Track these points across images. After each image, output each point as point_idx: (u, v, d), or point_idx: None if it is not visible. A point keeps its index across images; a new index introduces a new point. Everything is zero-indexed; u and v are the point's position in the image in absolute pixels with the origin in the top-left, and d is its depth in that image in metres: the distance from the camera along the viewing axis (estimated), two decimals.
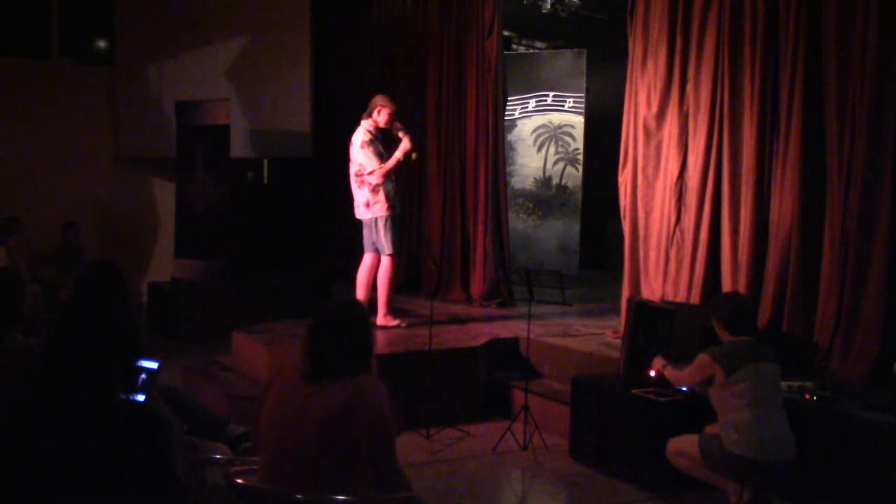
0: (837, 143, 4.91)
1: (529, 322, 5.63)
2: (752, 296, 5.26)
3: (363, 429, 2.66)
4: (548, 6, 8.68)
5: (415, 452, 5.07)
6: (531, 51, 10.98)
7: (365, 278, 6.50)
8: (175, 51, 10.09)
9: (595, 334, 6.46)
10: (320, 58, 10.06)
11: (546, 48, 11.04)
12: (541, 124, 10.02)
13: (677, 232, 5.95)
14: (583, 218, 9.90)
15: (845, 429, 4.20)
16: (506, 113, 8.75)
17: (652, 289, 6.10)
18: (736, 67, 5.52)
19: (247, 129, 9.83)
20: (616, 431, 4.82)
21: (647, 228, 6.20)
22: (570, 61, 9.96)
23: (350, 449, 2.66)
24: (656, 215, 6.12)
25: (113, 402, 2.14)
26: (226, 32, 10.03)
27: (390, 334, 6.37)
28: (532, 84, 10.02)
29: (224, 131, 9.30)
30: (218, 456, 3.51)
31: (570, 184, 9.90)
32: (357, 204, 6.43)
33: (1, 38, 9.83)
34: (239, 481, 2.71)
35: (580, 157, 9.84)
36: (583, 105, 9.83)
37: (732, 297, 4.74)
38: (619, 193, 6.43)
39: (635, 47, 6.31)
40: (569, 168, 9.91)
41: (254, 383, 5.73)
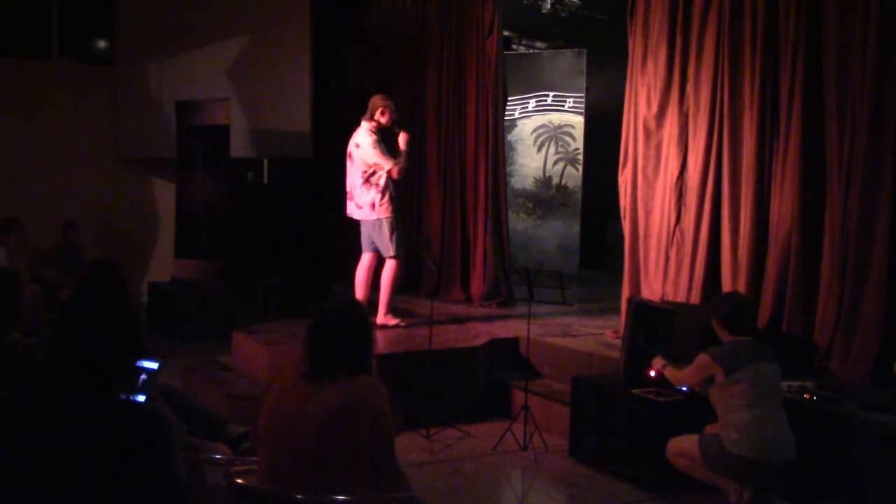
0: (837, 143, 4.91)
1: (529, 322, 5.62)
2: (752, 296, 5.26)
3: (363, 429, 2.66)
4: (548, 6, 8.68)
5: (415, 452, 5.07)
6: (531, 51, 10.98)
7: (363, 278, 6.49)
8: (175, 51, 10.08)
9: (595, 334, 6.46)
10: (320, 58, 10.06)
11: (546, 48, 11.04)
12: (541, 124, 10.02)
13: (677, 232, 5.95)
14: (583, 218, 9.90)
15: (845, 429, 4.20)
16: (506, 113, 8.74)
17: (652, 289, 6.10)
18: (736, 67, 5.52)
19: (247, 129, 9.83)
20: (616, 431, 4.82)
21: (647, 228, 6.20)
22: (570, 61, 9.96)
23: (350, 449, 2.66)
24: (656, 215, 6.12)
25: (113, 402, 2.14)
26: (226, 32, 10.03)
27: (390, 334, 6.37)
28: (532, 84, 10.02)
29: (224, 131, 9.30)
30: (218, 456, 3.51)
31: (570, 184, 9.90)
32: (361, 205, 6.37)
33: (1, 38, 9.82)
34: (239, 481, 2.71)
35: (580, 157, 9.84)
36: (583, 105, 9.83)
37: (732, 297, 4.74)
38: (619, 193, 6.43)
39: (635, 47, 6.31)
40: (569, 168, 9.91)
41: (254, 383, 5.73)
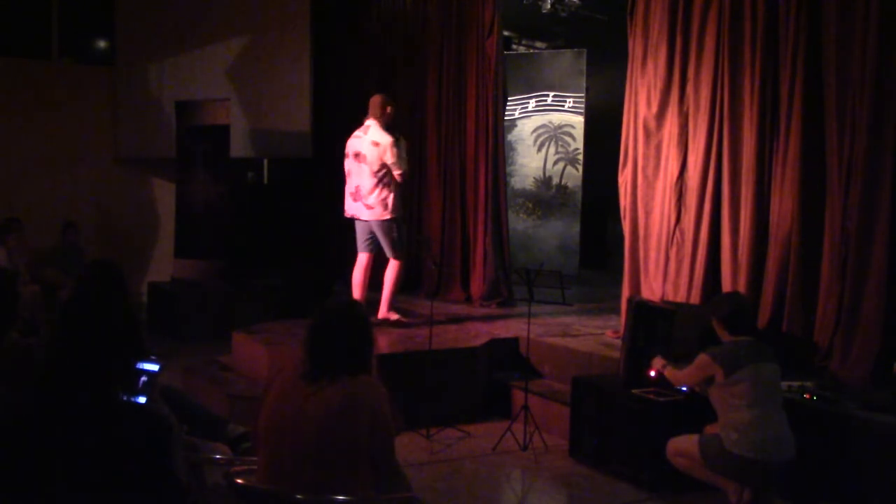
0: (837, 143, 4.91)
1: (529, 322, 5.63)
2: (752, 296, 5.26)
3: (363, 429, 2.66)
4: (548, 6, 8.68)
5: (415, 452, 5.07)
6: (531, 51, 10.97)
7: (361, 278, 6.48)
8: (175, 51, 10.08)
9: (595, 334, 6.46)
10: (320, 58, 10.06)
11: (546, 48, 11.03)
12: (541, 124, 10.02)
13: (677, 232, 5.95)
14: (583, 218, 9.90)
15: (845, 429, 4.20)
16: (506, 113, 8.74)
17: (652, 289, 6.10)
18: (736, 67, 5.52)
19: (247, 129, 9.83)
20: (616, 431, 4.82)
21: (647, 228, 6.20)
22: (570, 61, 9.96)
23: (350, 449, 2.66)
24: (656, 215, 6.12)
25: (113, 402, 2.14)
26: (226, 32, 10.03)
27: (390, 334, 6.37)
28: (532, 84, 10.02)
29: (224, 131, 9.31)
30: (218, 456, 3.51)
31: (570, 184, 9.89)
32: (372, 205, 6.31)
33: (1, 38, 9.82)
34: (239, 481, 2.71)
35: (580, 157, 9.84)
36: (583, 105, 9.83)
37: (732, 297, 4.73)
38: (619, 193, 6.43)
39: (635, 47, 6.31)
40: (569, 168, 9.91)
41: (254, 383, 5.73)
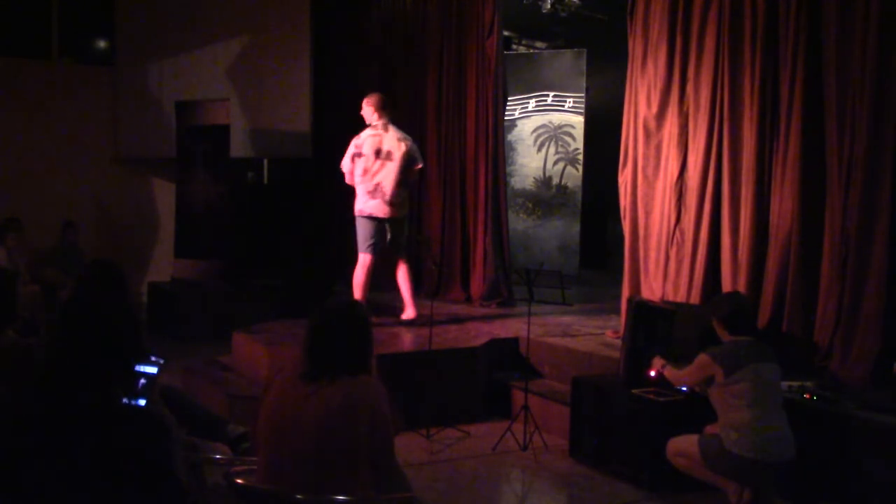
0: (837, 143, 4.90)
1: (529, 322, 5.63)
2: (752, 296, 5.26)
3: (362, 429, 2.66)
4: (548, 6, 8.68)
5: (415, 452, 5.07)
6: (531, 51, 10.98)
7: (364, 279, 6.48)
8: (175, 51, 10.08)
9: (595, 334, 6.46)
10: (320, 57, 10.05)
11: (546, 48, 11.03)
12: (541, 124, 10.02)
13: (677, 232, 5.95)
14: (583, 218, 9.90)
15: (845, 429, 4.20)
16: (506, 113, 8.74)
17: (652, 289, 6.10)
18: (736, 67, 5.52)
19: (247, 129, 9.83)
20: (616, 431, 4.82)
21: (647, 228, 6.20)
22: (570, 61, 9.96)
23: (349, 449, 2.66)
24: (656, 215, 6.12)
25: (113, 402, 2.14)
26: (226, 32, 10.03)
27: (390, 334, 6.37)
28: (532, 84, 10.02)
29: (224, 131, 9.31)
30: (218, 456, 3.51)
31: (570, 184, 9.90)
32: (393, 202, 6.40)
33: (1, 38, 9.82)
34: (239, 481, 2.71)
35: (580, 157, 9.84)
36: (583, 105, 9.83)
37: (732, 297, 4.73)
38: (619, 193, 6.43)
39: (635, 47, 6.31)
40: (569, 168, 9.91)
41: (254, 383, 5.73)
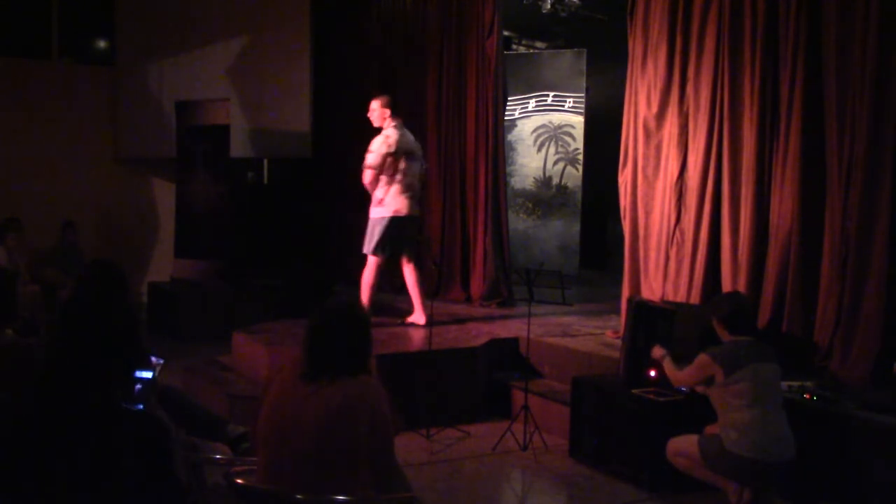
0: (837, 143, 4.91)
1: (529, 322, 5.62)
2: (752, 296, 5.26)
3: (362, 429, 2.66)
4: (548, 6, 8.68)
5: (415, 452, 5.07)
6: (531, 51, 10.98)
7: (375, 280, 6.48)
8: (175, 51, 10.08)
9: (595, 334, 6.46)
10: (320, 58, 10.06)
11: (546, 48, 11.03)
12: (541, 124, 10.02)
13: (677, 232, 5.95)
14: (583, 218, 9.90)
15: (845, 429, 4.20)
16: (506, 113, 8.75)
17: (652, 289, 6.10)
18: (736, 67, 5.52)
19: (247, 129, 9.83)
20: (616, 431, 4.82)
21: (647, 228, 6.20)
22: (570, 61, 9.96)
23: (349, 449, 2.66)
24: (656, 215, 6.12)
25: (113, 402, 2.14)
26: (226, 32, 10.03)
27: (390, 334, 6.37)
28: (532, 84, 10.02)
29: (224, 131, 9.32)
30: (218, 456, 3.51)
31: (570, 184, 9.90)
32: (419, 201, 6.66)
33: (1, 38, 9.83)
34: (239, 481, 2.71)
35: (580, 157, 9.84)
36: (583, 105, 9.83)
37: (732, 297, 4.73)
38: (619, 193, 6.43)
39: (635, 47, 6.31)
40: (569, 168, 9.91)
41: (254, 383, 5.73)
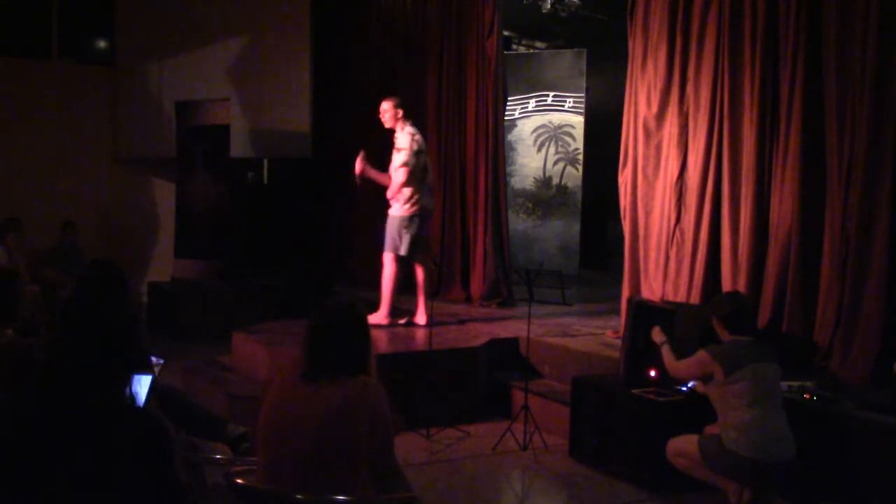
0: (837, 143, 4.91)
1: (529, 322, 5.62)
2: (752, 296, 5.26)
3: (362, 429, 2.66)
4: (548, 6, 8.68)
5: (415, 452, 5.07)
6: (531, 51, 10.98)
7: (393, 285, 6.46)
8: (175, 51, 10.09)
9: (595, 334, 6.46)
10: (320, 58, 10.06)
11: (546, 48, 11.04)
12: (541, 124, 10.02)
13: (677, 232, 5.95)
14: (583, 218, 9.91)
15: (845, 429, 4.20)
16: (506, 113, 8.75)
17: (652, 289, 6.10)
18: (736, 67, 5.52)
19: (247, 129, 9.83)
20: (616, 431, 4.82)
21: (647, 228, 6.20)
22: (570, 61, 9.96)
23: (349, 449, 2.66)
24: (656, 215, 6.12)
25: (113, 402, 2.14)
26: (226, 32, 10.03)
27: (390, 334, 6.37)
28: (532, 84, 10.02)
29: (224, 131, 9.32)
30: (218, 456, 3.51)
31: (570, 184, 9.90)
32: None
33: (1, 38, 9.82)
34: (239, 481, 2.71)
35: (580, 157, 9.84)
36: (583, 105, 9.84)
37: (732, 297, 4.73)
38: (619, 193, 6.43)
39: (635, 47, 6.31)
40: (569, 168, 9.91)
41: (254, 383, 5.73)
